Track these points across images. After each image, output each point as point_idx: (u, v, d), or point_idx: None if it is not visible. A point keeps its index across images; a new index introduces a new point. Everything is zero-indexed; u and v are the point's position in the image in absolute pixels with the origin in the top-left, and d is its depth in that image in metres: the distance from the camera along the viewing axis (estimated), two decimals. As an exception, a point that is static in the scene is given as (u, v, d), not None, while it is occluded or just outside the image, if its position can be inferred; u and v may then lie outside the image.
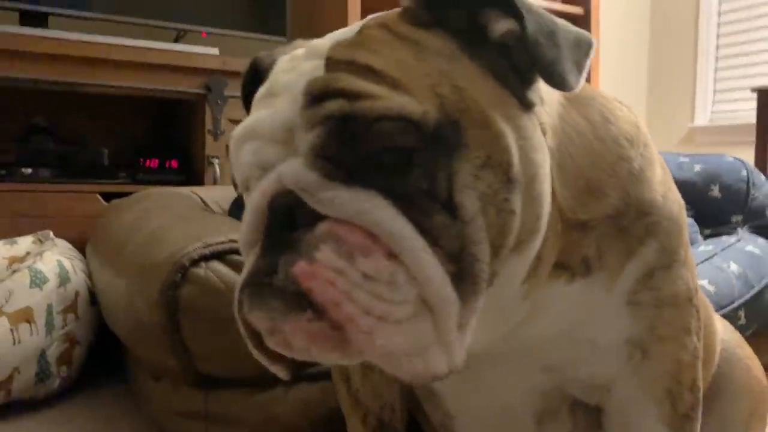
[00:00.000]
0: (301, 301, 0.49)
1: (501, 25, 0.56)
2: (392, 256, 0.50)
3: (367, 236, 0.50)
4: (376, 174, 0.51)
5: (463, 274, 0.52)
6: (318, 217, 0.50)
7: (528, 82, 0.57)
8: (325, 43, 0.57)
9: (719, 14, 3.66)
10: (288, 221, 0.51)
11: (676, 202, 0.70)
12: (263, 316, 0.51)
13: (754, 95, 2.66)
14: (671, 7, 3.85)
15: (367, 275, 0.49)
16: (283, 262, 0.50)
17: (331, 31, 0.60)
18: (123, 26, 2.20)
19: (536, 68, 0.55)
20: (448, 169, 0.51)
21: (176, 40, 2.30)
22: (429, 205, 0.51)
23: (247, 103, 0.66)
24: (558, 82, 0.54)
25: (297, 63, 0.57)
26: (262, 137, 0.54)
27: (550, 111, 0.62)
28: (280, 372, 0.57)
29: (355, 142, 0.51)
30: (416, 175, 0.51)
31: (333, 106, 0.51)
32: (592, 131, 0.65)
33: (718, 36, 3.66)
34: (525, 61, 0.56)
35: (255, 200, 0.54)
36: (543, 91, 0.60)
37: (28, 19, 2.05)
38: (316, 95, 0.52)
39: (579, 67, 0.55)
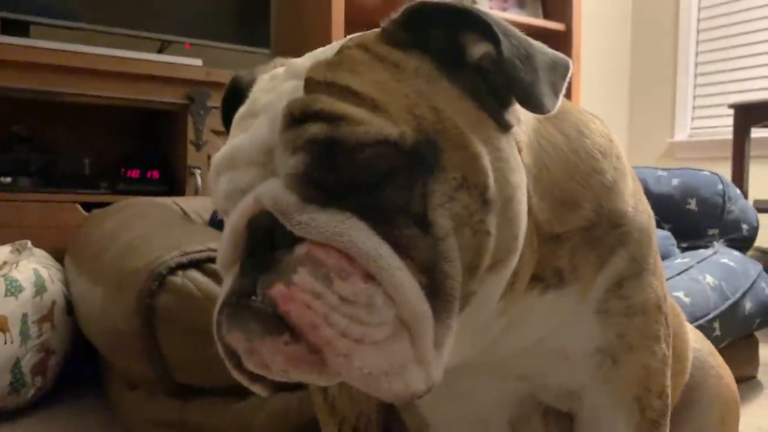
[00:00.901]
0: (278, 323, 0.49)
1: (478, 48, 0.57)
2: (369, 277, 0.50)
3: (344, 258, 0.50)
4: (353, 194, 0.51)
5: (435, 289, 0.52)
6: (297, 239, 0.51)
7: (505, 104, 0.58)
8: (304, 62, 0.57)
9: (698, 32, 3.71)
10: (267, 242, 0.52)
11: (645, 213, 0.71)
12: (241, 338, 0.51)
13: (732, 111, 2.70)
14: (651, 24, 3.90)
15: (345, 298, 0.49)
16: (261, 283, 0.51)
17: (315, 42, 0.60)
18: (106, 36, 2.20)
19: (513, 92, 0.56)
20: (423, 189, 0.52)
21: (160, 51, 2.30)
22: (403, 220, 0.51)
23: (227, 121, 0.66)
24: (535, 105, 0.55)
25: (276, 83, 0.57)
26: (241, 162, 0.55)
27: (526, 127, 0.62)
28: (261, 391, 0.57)
29: (336, 167, 0.51)
30: (393, 194, 0.51)
31: (314, 129, 0.51)
32: (567, 144, 0.65)
33: (697, 53, 3.71)
34: (502, 84, 0.56)
35: (234, 220, 0.54)
36: (519, 106, 0.60)
37: (10, 27, 2.04)
38: (296, 117, 0.52)
39: (555, 89, 0.56)
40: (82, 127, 2.31)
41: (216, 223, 1.56)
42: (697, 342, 0.95)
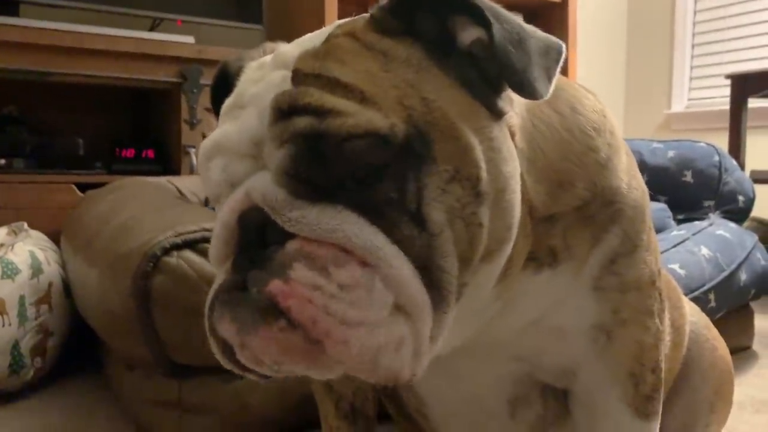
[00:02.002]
0: (273, 311, 0.49)
1: (469, 34, 0.56)
2: (366, 264, 0.50)
3: (338, 249, 0.50)
4: (344, 189, 0.51)
5: (431, 283, 0.52)
6: (288, 234, 0.50)
7: (497, 91, 0.57)
8: (292, 51, 0.56)
9: (695, 1, 3.68)
10: (258, 238, 0.51)
11: (639, 189, 0.70)
12: (233, 330, 0.51)
13: (729, 82, 2.68)
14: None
15: (344, 285, 0.49)
16: (254, 280, 0.50)
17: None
18: (97, 14, 2.18)
19: (505, 78, 0.55)
20: (416, 183, 0.51)
21: (152, 29, 2.28)
22: (397, 217, 0.51)
23: (216, 107, 0.65)
24: (528, 91, 0.53)
25: (264, 73, 0.57)
26: (229, 152, 0.54)
27: (519, 108, 0.61)
28: (254, 378, 0.57)
29: (324, 161, 0.50)
30: (385, 188, 0.51)
31: (301, 123, 0.50)
32: (561, 123, 0.65)
33: (694, 23, 3.68)
34: (494, 70, 0.55)
35: (224, 216, 0.54)
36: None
37: (-1, 7, 2.02)
38: (284, 110, 0.51)
39: (549, 74, 0.55)
40: (75, 108, 2.30)
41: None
42: (692, 315, 0.95)
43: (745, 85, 2.60)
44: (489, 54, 0.54)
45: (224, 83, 0.64)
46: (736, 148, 2.54)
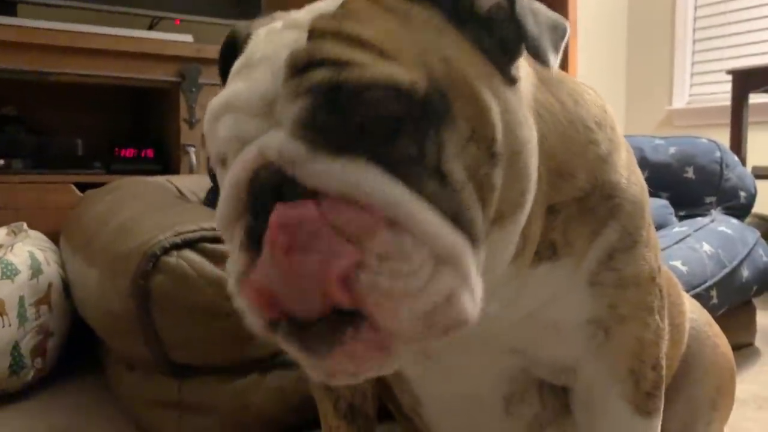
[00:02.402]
0: (337, 324, 0.48)
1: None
2: (393, 224, 0.48)
3: (364, 213, 0.48)
4: (363, 143, 0.49)
5: (463, 231, 0.51)
6: (306, 192, 0.48)
7: (512, 58, 0.57)
8: (305, 15, 0.55)
9: (696, -3, 3.67)
10: (273, 197, 0.49)
11: (639, 185, 0.70)
12: (301, 356, 0.50)
13: (730, 77, 2.68)
14: (649, -11, 3.86)
15: (380, 255, 0.47)
16: None
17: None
18: (95, 13, 2.17)
19: (523, 41, 0.55)
20: (436, 140, 0.50)
21: (150, 28, 2.28)
22: (419, 173, 0.50)
23: (224, 76, 0.63)
24: (542, 58, 0.54)
25: (276, 35, 0.55)
26: (240, 110, 0.52)
27: (526, 92, 0.61)
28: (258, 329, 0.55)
29: (343, 112, 0.49)
30: (405, 144, 0.49)
31: (319, 75, 0.49)
32: (563, 113, 0.65)
33: (695, 19, 3.67)
34: (511, 36, 0.56)
35: (235, 174, 0.51)
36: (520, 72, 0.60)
37: (-3, 7, 2.02)
38: (300, 65, 0.50)
39: (556, 46, 0.56)
40: (73, 107, 2.30)
41: (211, 201, 1.55)
42: (693, 311, 0.95)
43: (747, 81, 2.58)
44: (508, 18, 0.55)
45: (232, 51, 0.62)
46: (738, 143, 2.53)
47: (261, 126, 0.51)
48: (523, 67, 0.60)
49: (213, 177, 1.51)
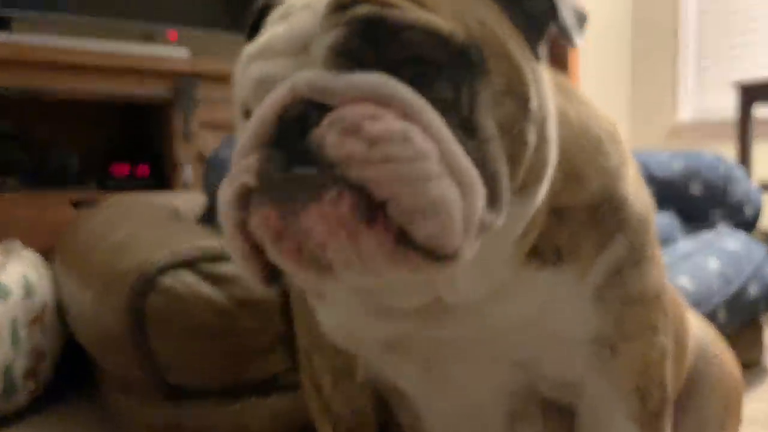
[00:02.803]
0: (323, 183, 0.46)
1: None
2: (406, 117, 0.48)
3: (376, 105, 0.48)
4: (396, 76, 0.49)
5: (485, 184, 0.50)
6: (330, 112, 0.48)
7: (540, 35, 0.59)
8: None
9: (699, 13, 3.67)
10: (298, 130, 0.48)
11: (645, 202, 0.71)
12: (274, 214, 0.48)
13: (736, 90, 2.67)
14: (652, 3, 3.86)
15: (376, 138, 0.46)
16: (293, 160, 0.48)
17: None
18: (90, 28, 2.16)
19: (553, 18, 0.57)
20: (470, 90, 0.51)
21: (145, 42, 2.26)
22: (450, 119, 0.50)
23: (252, 35, 0.62)
24: (568, 34, 0.57)
25: None
26: (276, 52, 0.52)
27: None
28: (253, 276, 0.53)
29: (380, 46, 0.49)
30: (439, 88, 0.50)
31: (360, 9, 0.49)
32: (577, 120, 0.66)
33: (699, 31, 3.67)
34: (540, 13, 0.58)
35: (262, 110, 0.50)
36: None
37: (-8, 24, 2.00)
38: (344, 3, 0.50)
39: (581, 30, 0.59)
40: (69, 123, 2.28)
41: (207, 218, 1.53)
42: (699, 329, 0.94)
43: (752, 94, 2.58)
44: None
45: (264, 15, 0.61)
46: (744, 157, 2.52)
47: (294, 65, 0.51)
48: (544, 69, 0.61)
49: (209, 193, 1.49)
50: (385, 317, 0.65)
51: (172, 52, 2.13)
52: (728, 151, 2.53)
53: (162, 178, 2.19)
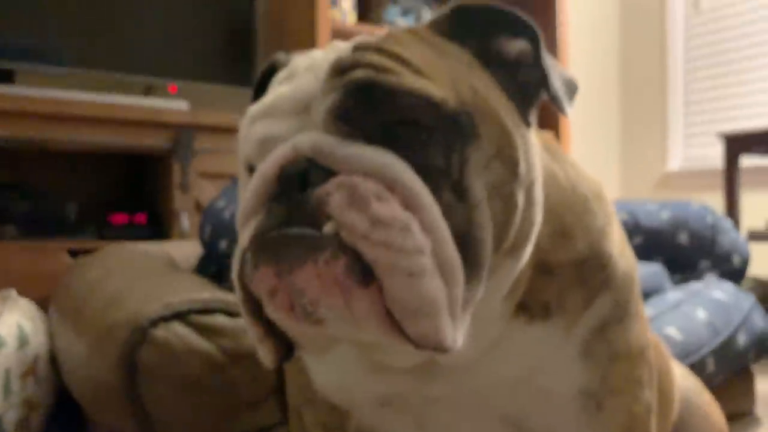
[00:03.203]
0: (319, 241, 0.49)
1: (515, 45, 0.61)
2: (408, 207, 0.50)
3: (383, 186, 0.50)
4: (393, 144, 0.52)
5: (466, 255, 0.52)
6: (330, 173, 0.51)
7: (531, 102, 0.62)
8: (346, 44, 0.59)
9: (686, 61, 3.73)
10: (300, 183, 0.51)
11: (630, 259, 0.73)
12: (270, 272, 0.50)
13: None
14: (639, 53, 3.92)
15: (380, 220, 0.49)
16: (294, 218, 0.50)
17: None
18: (92, 80, 2.20)
19: (545, 87, 0.60)
20: (461, 155, 0.53)
21: (146, 94, 2.30)
22: (441, 182, 0.52)
23: (258, 95, 0.67)
24: (560, 103, 0.60)
25: (320, 53, 0.59)
26: (279, 112, 0.55)
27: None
28: (268, 355, 0.56)
29: (375, 109, 0.52)
30: (431, 152, 0.53)
31: (358, 74, 0.53)
32: (565, 179, 0.68)
33: (685, 83, 3.73)
34: (532, 81, 0.61)
35: (264, 168, 0.53)
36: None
37: (-6, 76, 2.04)
38: (343, 68, 0.54)
39: (571, 98, 0.62)
40: (67, 173, 2.31)
41: (203, 268, 1.54)
42: (684, 380, 0.95)
43: (737, 144, 2.61)
44: (531, 65, 0.61)
45: (270, 76, 0.65)
46: (731, 206, 2.54)
47: (299, 126, 0.54)
48: (533, 134, 0.63)
49: (205, 243, 1.51)
50: (379, 374, 0.66)
51: (171, 104, 2.17)
52: (717, 200, 2.55)
53: (159, 227, 2.21)
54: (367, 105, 0.52)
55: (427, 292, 0.49)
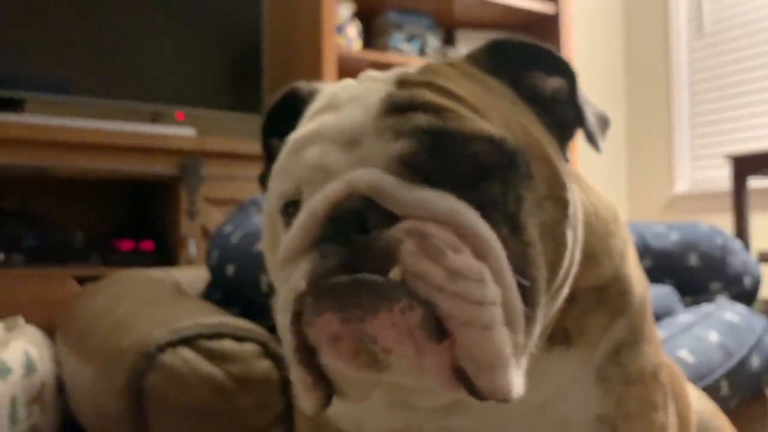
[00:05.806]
0: (390, 291, 0.47)
1: (551, 82, 0.62)
2: (479, 256, 0.49)
3: (455, 234, 0.49)
4: (454, 185, 0.51)
5: (525, 300, 0.51)
6: (392, 220, 0.49)
7: (567, 138, 0.63)
8: (380, 75, 0.59)
9: (691, 83, 3.74)
10: (358, 224, 0.49)
11: (644, 283, 0.73)
12: (335, 317, 0.48)
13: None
14: (644, 77, 3.94)
15: (457, 272, 0.47)
16: (360, 261, 0.48)
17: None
18: (101, 109, 2.22)
19: (581, 123, 0.60)
20: (517, 193, 0.53)
21: (153, 121, 2.32)
22: (499, 220, 0.52)
23: (268, 132, 0.67)
24: (594, 140, 0.60)
25: (358, 85, 0.58)
26: (328, 141, 0.54)
27: None
28: (310, 403, 0.54)
29: (445, 157, 0.51)
30: (492, 190, 0.52)
31: (422, 118, 0.52)
32: (588, 203, 0.68)
33: (691, 104, 3.73)
34: (568, 118, 0.61)
35: (315, 203, 0.51)
36: None
37: (4, 104, 2.06)
38: (400, 107, 0.52)
39: (604, 135, 0.63)
40: (74, 200, 2.32)
41: (210, 294, 1.54)
42: (700, 403, 0.94)
43: (745, 166, 2.61)
44: (567, 101, 0.61)
45: (286, 105, 0.65)
46: (741, 228, 2.53)
47: (348, 160, 0.52)
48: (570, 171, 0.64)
49: (213, 269, 1.50)
50: (400, 411, 0.65)
51: (179, 131, 2.18)
52: (725, 222, 2.53)
53: (166, 254, 2.21)
54: (437, 153, 0.51)
55: (500, 344, 0.48)
